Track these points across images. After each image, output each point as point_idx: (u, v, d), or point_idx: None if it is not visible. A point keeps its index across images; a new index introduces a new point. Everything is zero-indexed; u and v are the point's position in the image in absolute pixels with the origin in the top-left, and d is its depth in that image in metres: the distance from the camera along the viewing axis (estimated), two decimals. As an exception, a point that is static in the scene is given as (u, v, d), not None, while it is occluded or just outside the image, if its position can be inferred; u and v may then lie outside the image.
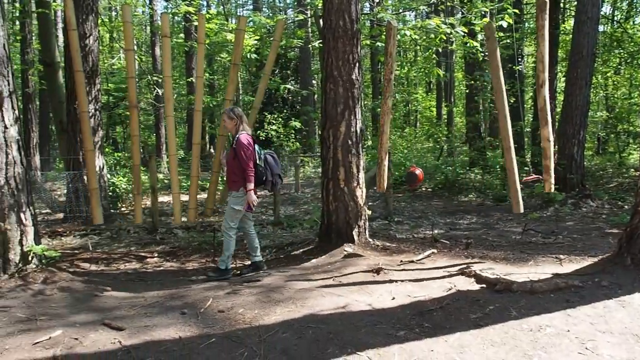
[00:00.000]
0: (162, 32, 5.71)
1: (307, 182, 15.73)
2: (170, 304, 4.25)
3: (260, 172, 5.12)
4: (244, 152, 4.96)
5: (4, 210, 4.56)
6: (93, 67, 8.95)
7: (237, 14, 27.89)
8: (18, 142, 4.68)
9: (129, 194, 11.51)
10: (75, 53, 5.43)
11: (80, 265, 5.97)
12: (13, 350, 3.31)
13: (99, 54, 9.40)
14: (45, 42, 9.95)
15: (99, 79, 9.22)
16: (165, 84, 5.88)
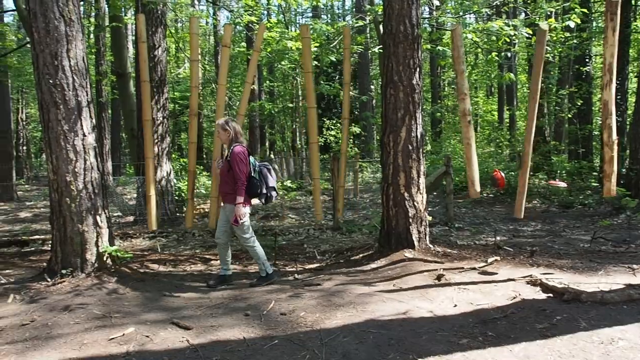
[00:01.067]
0: (222, 42, 5.89)
1: (366, 187, 15.71)
2: (234, 305, 4.39)
3: (255, 185, 4.96)
4: (237, 164, 4.81)
5: (82, 213, 4.86)
6: (161, 76, 9.36)
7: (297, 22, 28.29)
8: (95, 149, 4.98)
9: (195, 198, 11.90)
10: (143, 64, 5.69)
11: (149, 266, 6.24)
12: (90, 345, 3.52)
13: (166, 64, 9.82)
14: (117, 54, 10.50)
15: (166, 88, 9.63)
16: (219, 91, 6.06)
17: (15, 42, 14.26)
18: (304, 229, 9.08)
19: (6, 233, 9.56)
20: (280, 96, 23.36)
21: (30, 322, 3.93)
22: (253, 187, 4.93)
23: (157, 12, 9.19)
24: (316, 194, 6.31)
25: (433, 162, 14.55)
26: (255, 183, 4.95)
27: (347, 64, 6.39)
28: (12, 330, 3.80)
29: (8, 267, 6.31)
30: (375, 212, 10.22)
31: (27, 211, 12.89)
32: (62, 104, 4.73)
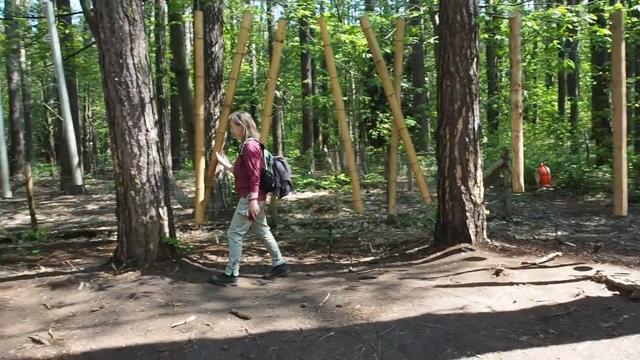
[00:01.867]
0: (276, 37, 5.96)
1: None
2: (291, 296, 4.46)
3: (269, 179, 4.89)
4: (250, 160, 4.74)
5: (146, 205, 5.07)
6: (218, 72, 9.57)
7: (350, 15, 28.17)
8: (157, 143, 5.17)
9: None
10: (199, 60, 5.83)
11: (208, 257, 6.43)
12: (154, 331, 3.68)
13: (223, 61, 10.03)
14: (176, 52, 10.81)
15: (223, 83, 9.84)
16: (269, 85, 6.12)
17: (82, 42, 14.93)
18: (358, 222, 9.09)
19: (75, 224, 10.08)
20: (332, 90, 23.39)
21: (99, 309, 4.14)
22: (267, 182, 4.87)
23: (214, 10, 9.39)
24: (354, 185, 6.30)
25: (490, 155, 14.18)
26: (270, 177, 4.89)
27: (400, 57, 6.33)
28: (82, 316, 4.01)
29: (78, 256, 6.66)
30: (430, 206, 10.09)
31: (94, 203, 13.52)
32: (127, 101, 4.93)
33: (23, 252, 6.90)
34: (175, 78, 11.78)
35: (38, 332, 3.70)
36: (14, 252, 7.00)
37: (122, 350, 3.39)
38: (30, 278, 5.15)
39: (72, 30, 12.99)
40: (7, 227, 9.89)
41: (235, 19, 23.24)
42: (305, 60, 20.75)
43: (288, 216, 10.05)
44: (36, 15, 17.93)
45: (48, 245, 7.58)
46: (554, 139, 19.40)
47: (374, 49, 6.09)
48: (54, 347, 3.45)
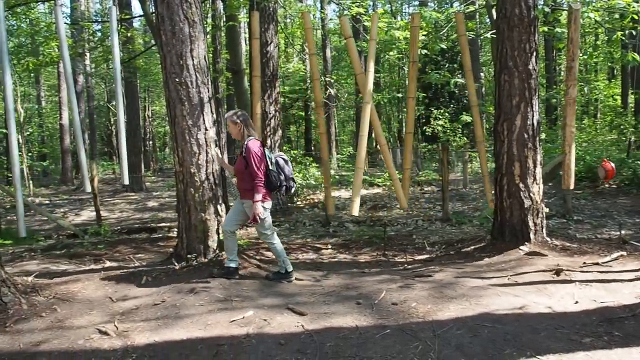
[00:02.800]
0: (344, 34, 5.98)
1: (476, 177, 15.19)
2: (346, 293, 4.48)
3: (274, 178, 4.74)
4: (254, 160, 4.58)
5: (205, 202, 5.21)
6: (273, 71, 9.70)
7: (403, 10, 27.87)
8: (215, 142, 5.31)
9: (304, 189, 12.25)
10: (256, 60, 5.93)
11: (264, 254, 6.54)
12: (214, 325, 3.78)
13: (278, 60, 10.16)
14: (233, 52, 11.04)
15: (278, 82, 9.97)
16: (359, 79, 6.11)
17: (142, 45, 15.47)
18: (412, 219, 9.02)
19: (137, 220, 10.48)
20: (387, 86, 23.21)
21: (161, 302, 4.29)
22: (272, 181, 4.73)
23: (269, 10, 9.52)
24: (405, 183, 6.22)
25: (548, 151, 13.72)
26: (275, 176, 4.75)
27: (466, 51, 6.23)
28: (145, 309, 4.17)
29: (140, 251, 6.93)
30: (486, 204, 9.88)
31: (154, 201, 14.01)
32: (187, 101, 5.08)
33: (89, 247, 7.24)
34: (231, 78, 12.02)
35: (104, 323, 3.88)
36: (80, 247, 7.36)
37: (183, 343, 3.51)
38: (96, 272, 5.39)
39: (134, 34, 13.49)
40: (73, 223, 10.41)
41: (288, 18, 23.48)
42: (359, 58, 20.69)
43: (342, 213, 10.08)
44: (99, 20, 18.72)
45: (112, 240, 7.92)
46: (616, 134, 18.54)
47: (414, 49, 6.05)
48: (119, 339, 3.61)
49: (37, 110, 25.55)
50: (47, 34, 12.60)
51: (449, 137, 18.03)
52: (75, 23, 16.19)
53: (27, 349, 3.49)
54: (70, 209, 13.17)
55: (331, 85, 15.31)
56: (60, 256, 6.59)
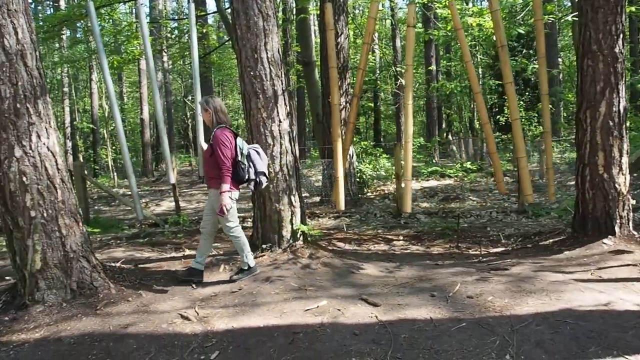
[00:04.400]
0: (407, 22, 5.88)
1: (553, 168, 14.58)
2: (420, 285, 4.43)
3: (242, 170, 4.49)
4: (220, 149, 4.35)
5: (279, 193, 5.30)
6: (344, 62, 9.70)
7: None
8: (289, 133, 5.38)
9: (374, 180, 12.21)
10: (331, 51, 5.93)
11: (336, 244, 6.59)
12: (289, 314, 3.85)
13: (348, 51, 10.15)
14: (303, 44, 11.14)
15: (348, 73, 9.96)
16: (407, 72, 6.03)
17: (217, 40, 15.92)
18: (486, 211, 8.77)
19: (212, 211, 10.82)
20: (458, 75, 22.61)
21: (238, 290, 4.42)
22: (240, 173, 4.48)
23: (340, 1, 9.51)
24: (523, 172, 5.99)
25: (633, 140, 12.87)
26: (243, 168, 4.50)
27: (541, 37, 5.94)
28: (224, 296, 4.32)
29: (216, 240, 7.13)
30: (564, 195, 9.43)
31: (228, 191, 14.40)
32: (261, 94, 5.18)
33: (169, 236, 7.56)
34: (302, 70, 12.14)
35: (186, 309, 4.05)
36: (161, 235, 7.70)
37: (260, 330, 3.60)
38: (177, 260, 5.63)
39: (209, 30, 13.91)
40: (154, 213, 10.92)
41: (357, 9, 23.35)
42: (429, 47, 20.28)
43: (413, 205, 9.95)
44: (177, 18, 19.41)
45: (190, 230, 8.23)
46: None
47: (499, 32, 5.81)
48: (199, 324, 3.75)
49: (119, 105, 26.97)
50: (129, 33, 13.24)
51: (524, 127, 17.31)
52: (154, 21, 16.91)
53: (117, 331, 3.71)
54: (151, 199, 13.83)
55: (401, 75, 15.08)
56: (143, 244, 6.94)
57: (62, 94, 22.26)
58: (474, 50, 19.09)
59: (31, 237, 4.07)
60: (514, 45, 18.52)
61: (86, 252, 4.41)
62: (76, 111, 25.13)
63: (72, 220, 4.30)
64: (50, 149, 4.17)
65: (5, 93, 3.93)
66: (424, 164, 15.84)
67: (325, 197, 10.07)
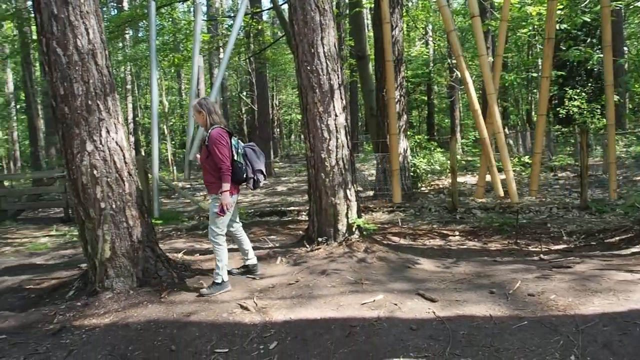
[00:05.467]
0: (471, 12, 5.75)
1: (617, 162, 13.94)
2: (478, 282, 4.36)
3: (239, 169, 4.33)
4: (217, 148, 4.20)
5: (334, 187, 5.34)
6: (398, 56, 9.61)
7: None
8: (345, 128, 5.40)
9: (429, 174, 12.06)
10: (387, 45, 5.90)
11: (391, 239, 6.57)
12: (346, 307, 3.88)
13: (403, 44, 10.05)
14: (357, 38, 11.11)
15: (403, 67, 9.87)
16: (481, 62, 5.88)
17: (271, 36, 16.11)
18: (546, 207, 8.49)
19: (268, 204, 11.01)
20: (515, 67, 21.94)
21: (295, 282, 4.49)
22: (238, 173, 4.33)
23: (395, -7, 9.42)
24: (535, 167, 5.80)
25: None
26: (240, 167, 4.35)
27: (607, 24, 5.70)
28: (281, 288, 4.40)
29: (272, 233, 7.28)
30: (631, 190, 9.01)
31: (283, 185, 14.61)
32: (318, 88, 5.22)
33: (227, 228, 7.74)
34: (356, 64, 12.11)
35: (244, 299, 4.15)
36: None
37: (317, 322, 3.65)
38: (235, 251, 5.77)
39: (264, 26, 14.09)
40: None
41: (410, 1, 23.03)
42: (485, 38, 19.78)
43: (469, 200, 9.77)
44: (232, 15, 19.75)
45: (246, 222, 8.40)
46: None
47: (550, 23, 5.60)
48: (258, 314, 3.84)
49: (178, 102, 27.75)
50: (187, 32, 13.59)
51: (586, 119, 16.62)
52: (211, 19, 17.28)
53: (180, 319, 3.85)
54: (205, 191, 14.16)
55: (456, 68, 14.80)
56: (202, 236, 7.14)
57: (125, 91, 23.14)
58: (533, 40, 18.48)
59: (101, 228, 4.28)
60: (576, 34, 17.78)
61: (151, 243, 4.60)
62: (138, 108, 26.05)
63: (138, 212, 4.49)
64: (118, 144, 4.37)
65: (77, 91, 4.14)
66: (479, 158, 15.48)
67: (378, 191, 10.04)
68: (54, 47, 4.10)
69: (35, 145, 19.94)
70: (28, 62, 19.87)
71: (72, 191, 4.37)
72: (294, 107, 30.33)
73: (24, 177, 17.65)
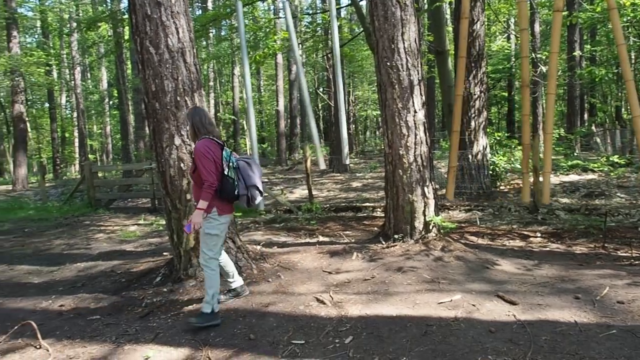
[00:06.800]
0: (555, 7, 5.50)
1: None
2: (562, 286, 4.19)
3: (230, 185, 3.81)
4: (201, 162, 3.73)
5: (412, 184, 5.29)
6: (479, 51, 9.35)
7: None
8: (424, 124, 5.34)
9: (508, 173, 11.66)
10: (462, 40, 5.73)
11: (468, 238, 6.42)
12: (422, 305, 3.85)
13: (484, 39, 9.76)
14: (437, 32, 10.88)
15: (484, 62, 9.58)
16: (551, 60, 5.65)
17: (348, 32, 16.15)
18: (637, 210, 7.98)
19: (343, 200, 11.08)
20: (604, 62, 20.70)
21: (371, 278, 4.51)
22: (228, 189, 3.81)
23: (477, -14, 9.16)
24: None
25: None
26: (231, 183, 3.82)
27: None
28: (357, 283, 4.43)
29: (347, 228, 7.33)
30: None
31: (358, 181, 14.64)
32: (397, 84, 5.19)
33: (303, 222, 7.88)
34: (435, 59, 11.89)
35: (321, 293, 4.22)
36: (295, 221, 8.06)
37: (393, 319, 3.65)
38: (311, 245, 5.87)
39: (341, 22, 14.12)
40: (288, 200, 11.41)
41: (493, -6, 22.29)
42: (573, 31, 18.79)
43: (552, 200, 9.36)
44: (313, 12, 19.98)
45: (322, 217, 8.51)
46: None
47: None
48: (334, 308, 3.90)
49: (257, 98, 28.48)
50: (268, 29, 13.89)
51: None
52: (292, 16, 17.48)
53: (258, 309, 3.98)
54: (285, 187, 14.47)
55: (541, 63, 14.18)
56: (279, 229, 7.32)
57: (208, 88, 24.07)
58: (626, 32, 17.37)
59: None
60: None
61: (232, 234, 4.77)
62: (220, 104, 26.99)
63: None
64: (203, 138, 4.57)
65: (167, 87, 4.37)
66: (563, 157, 14.75)
67: (455, 189, 9.81)
68: (147, 46, 4.35)
69: (126, 139, 21.19)
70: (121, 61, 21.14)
71: (160, 183, 4.63)
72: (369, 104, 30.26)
73: (115, 169, 18.84)
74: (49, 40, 27.45)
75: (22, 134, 20.12)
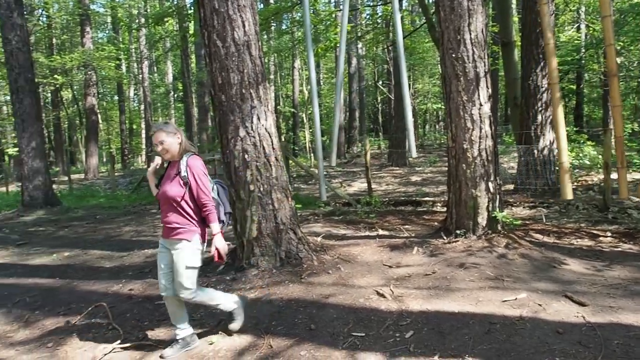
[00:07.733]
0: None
1: None
2: (635, 288, 4.00)
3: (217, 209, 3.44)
4: (202, 180, 3.31)
5: (476, 179, 5.17)
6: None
7: None
8: (489, 117, 5.19)
9: (576, 169, 11.20)
10: (546, 27, 5.41)
11: (533, 236, 6.21)
12: (485, 302, 3.77)
13: (554, 29, 9.37)
14: (503, 23, 10.54)
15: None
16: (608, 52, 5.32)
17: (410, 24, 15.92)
18: None
19: (402, 194, 10.98)
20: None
21: (432, 274, 4.45)
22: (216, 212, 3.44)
23: (547, -26, 8.79)
24: None
25: None
26: (217, 207, 3.46)
27: None
28: (417, 278, 4.39)
29: (407, 223, 7.26)
30: None
31: (417, 175, 14.47)
32: (462, 76, 5.07)
33: (362, 215, 7.87)
34: (500, 50, 11.53)
35: (381, 286, 4.21)
36: (354, 214, 8.05)
37: (455, 315, 3.59)
38: (371, 239, 5.85)
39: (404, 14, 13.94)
40: (347, 193, 11.43)
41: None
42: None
43: (624, 199, 8.90)
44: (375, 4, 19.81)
45: (381, 211, 8.46)
46: None
47: None
48: (394, 302, 3.88)
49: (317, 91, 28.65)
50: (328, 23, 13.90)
51: None
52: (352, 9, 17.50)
53: (319, 300, 4.02)
54: (344, 179, 14.50)
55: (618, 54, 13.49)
56: (338, 222, 7.34)
57: (269, 81, 24.44)
58: None
59: (250, 209, 4.59)
60: None
61: (293, 225, 4.83)
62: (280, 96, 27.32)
63: (283, 195, 4.74)
64: (267, 130, 4.64)
65: (233, 80, 4.46)
66: (637, 152, 13.99)
67: (519, 185, 9.52)
68: (214, 40, 4.46)
69: (190, 131, 21.84)
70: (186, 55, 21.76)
71: (225, 173, 4.74)
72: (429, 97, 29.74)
73: (179, 160, 19.41)
74: (118, 35, 28.65)
75: (94, 126, 21.15)
